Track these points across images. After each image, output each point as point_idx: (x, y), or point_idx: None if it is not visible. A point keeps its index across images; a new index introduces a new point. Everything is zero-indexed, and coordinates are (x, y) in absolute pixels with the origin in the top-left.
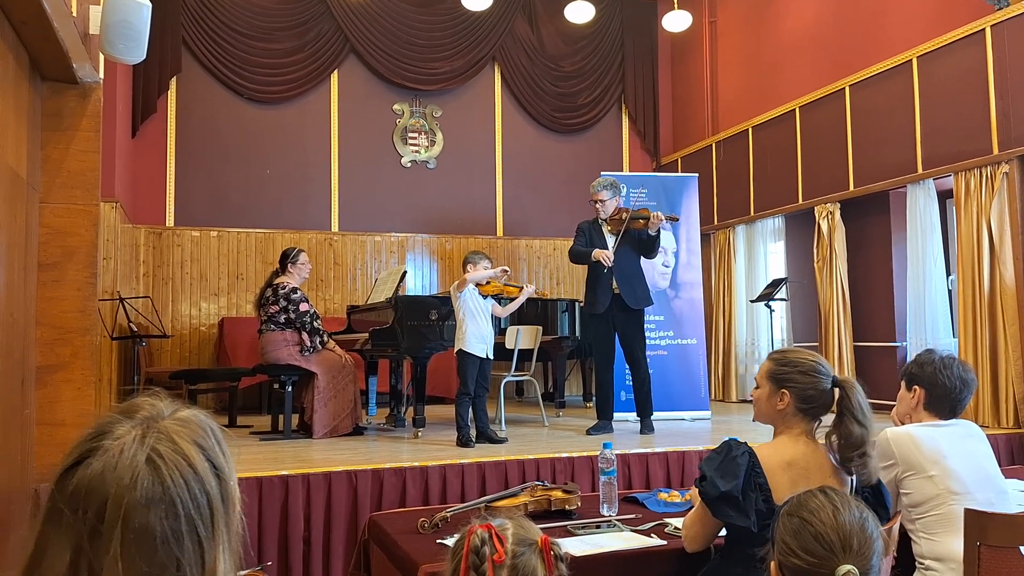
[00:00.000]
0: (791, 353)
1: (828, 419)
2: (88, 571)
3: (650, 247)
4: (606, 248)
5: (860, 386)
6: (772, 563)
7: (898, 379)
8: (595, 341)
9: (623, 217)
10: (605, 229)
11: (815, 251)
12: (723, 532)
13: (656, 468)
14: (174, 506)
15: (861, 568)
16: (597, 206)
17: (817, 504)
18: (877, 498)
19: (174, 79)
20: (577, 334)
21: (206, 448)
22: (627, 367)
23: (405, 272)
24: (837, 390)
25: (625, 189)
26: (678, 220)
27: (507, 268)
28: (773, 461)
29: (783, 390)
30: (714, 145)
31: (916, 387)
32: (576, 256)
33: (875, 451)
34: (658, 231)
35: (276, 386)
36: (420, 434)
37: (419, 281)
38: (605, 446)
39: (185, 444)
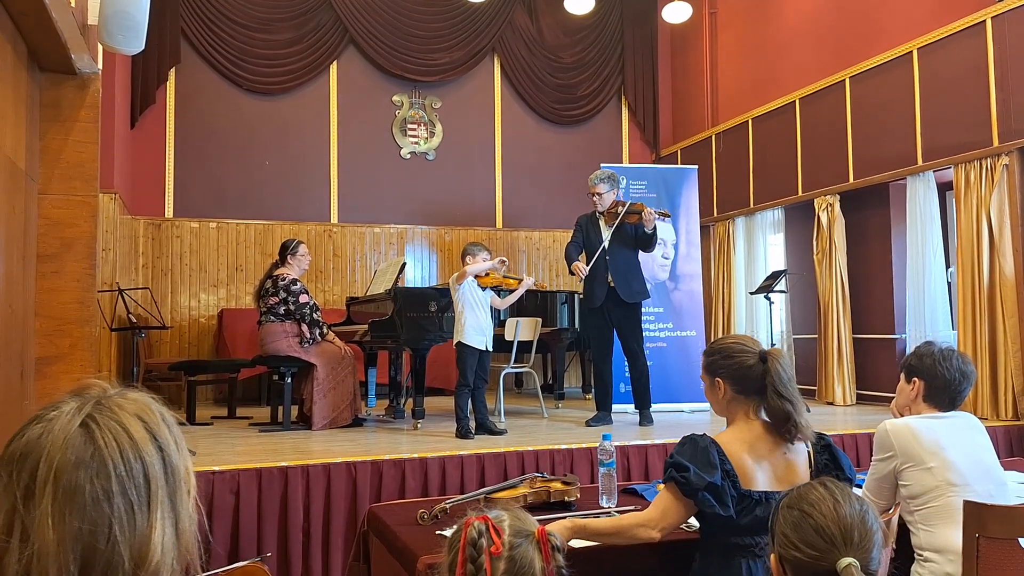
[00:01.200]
0: (717, 341)
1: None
2: (22, 530)
3: (646, 242)
4: (601, 241)
5: (784, 359)
6: (772, 556)
7: (897, 371)
8: (592, 334)
9: (618, 211)
10: (602, 222)
11: (815, 243)
12: (695, 525)
13: (655, 460)
14: (105, 466)
15: (862, 560)
16: (595, 199)
17: (817, 496)
18: (835, 461)
19: (173, 70)
20: (576, 326)
21: (148, 422)
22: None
23: (404, 264)
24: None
25: (625, 181)
26: (669, 216)
27: (504, 259)
28: (735, 447)
29: (717, 379)
30: (714, 137)
31: (915, 379)
32: (566, 259)
33: (805, 419)
34: (654, 228)
35: (275, 377)
36: (419, 426)
37: (418, 273)
38: (604, 438)
39: (124, 415)
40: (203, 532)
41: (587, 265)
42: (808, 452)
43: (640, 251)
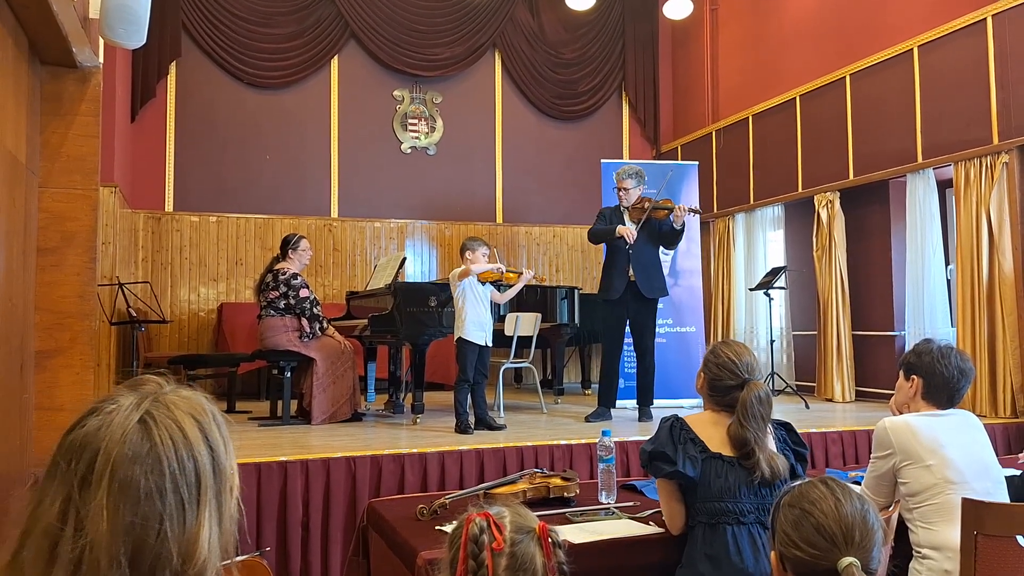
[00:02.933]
0: (723, 345)
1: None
2: (76, 518)
3: (672, 239)
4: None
5: (762, 395)
6: (772, 553)
7: (896, 368)
8: (606, 327)
9: (645, 206)
10: (627, 217)
11: (814, 240)
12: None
13: None
14: (159, 463)
15: (862, 559)
16: (621, 193)
17: (818, 495)
18: (791, 433)
19: (174, 64)
20: (576, 321)
21: (200, 422)
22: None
23: (404, 258)
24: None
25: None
26: (701, 212)
27: (502, 267)
28: (699, 420)
29: (701, 374)
30: (714, 133)
31: (914, 376)
32: (596, 235)
33: (766, 453)
34: (683, 224)
35: (275, 372)
36: (419, 420)
37: (418, 267)
38: (604, 433)
39: (179, 413)
40: (242, 532)
41: (608, 257)
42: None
43: (663, 248)
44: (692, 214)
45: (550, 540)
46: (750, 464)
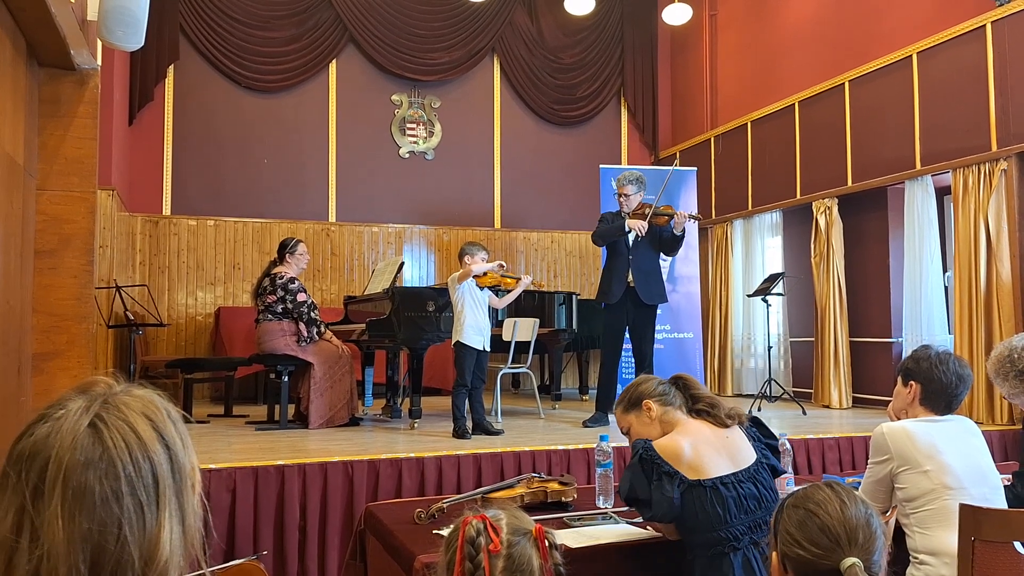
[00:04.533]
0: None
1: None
2: (31, 529)
3: (672, 245)
4: (628, 243)
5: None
6: (773, 554)
7: (894, 375)
8: (605, 332)
9: (646, 212)
10: (628, 223)
11: (812, 246)
12: None
13: None
14: (114, 467)
15: (864, 562)
16: (622, 199)
17: (823, 497)
18: (761, 428)
19: (172, 67)
20: (574, 327)
21: (154, 420)
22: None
23: (402, 263)
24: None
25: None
26: (701, 219)
27: (503, 263)
28: (673, 447)
29: (645, 404)
30: (713, 139)
31: (912, 382)
32: (603, 235)
33: (726, 406)
34: (683, 231)
35: (272, 376)
36: (416, 425)
37: (416, 272)
38: (602, 439)
39: (131, 413)
40: (206, 527)
41: (608, 262)
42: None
43: (663, 254)
44: (692, 220)
45: (547, 542)
46: (721, 416)
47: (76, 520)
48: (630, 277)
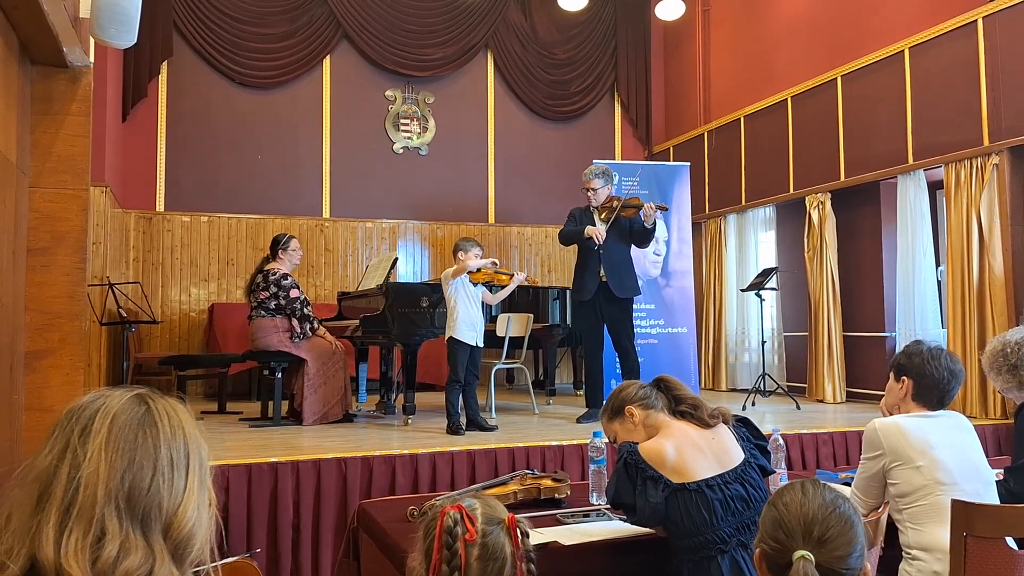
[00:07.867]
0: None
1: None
2: (72, 460)
3: (643, 237)
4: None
5: (674, 380)
6: (756, 550)
7: (887, 370)
8: (583, 328)
9: (614, 205)
10: (597, 217)
11: (806, 241)
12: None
13: None
14: (155, 426)
15: (824, 557)
16: (589, 194)
17: (790, 496)
18: (748, 427)
19: (165, 63)
20: (568, 322)
21: (190, 415)
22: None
23: (396, 259)
24: (661, 384)
25: (617, 178)
26: (667, 209)
27: (496, 261)
28: (654, 452)
29: (628, 410)
30: (706, 134)
31: (904, 378)
32: (566, 237)
33: (709, 407)
34: (654, 223)
35: (266, 372)
36: (410, 421)
37: (410, 268)
38: (595, 435)
39: (173, 401)
40: (217, 523)
41: (579, 258)
42: (730, 429)
43: (633, 246)
44: (660, 211)
45: (518, 530)
46: (705, 417)
47: (119, 451)
48: (602, 272)
